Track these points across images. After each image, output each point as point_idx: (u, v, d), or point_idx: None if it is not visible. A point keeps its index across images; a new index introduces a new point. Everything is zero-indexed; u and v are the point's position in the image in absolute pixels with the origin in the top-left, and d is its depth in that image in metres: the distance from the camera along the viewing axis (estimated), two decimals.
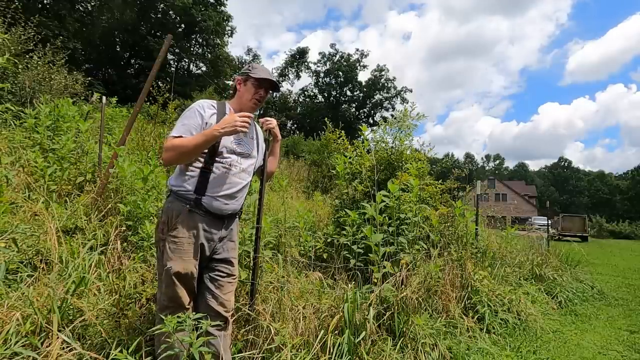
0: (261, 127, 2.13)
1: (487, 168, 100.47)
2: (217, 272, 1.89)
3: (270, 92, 2.05)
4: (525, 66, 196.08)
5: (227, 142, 1.86)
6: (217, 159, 1.81)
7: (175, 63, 33.44)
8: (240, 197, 1.94)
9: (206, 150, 1.81)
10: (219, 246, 1.90)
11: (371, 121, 47.17)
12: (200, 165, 1.81)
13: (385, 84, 47.78)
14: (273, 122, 2.09)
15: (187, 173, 1.81)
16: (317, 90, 49.65)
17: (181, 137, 1.75)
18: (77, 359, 1.76)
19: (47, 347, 1.73)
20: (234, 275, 1.97)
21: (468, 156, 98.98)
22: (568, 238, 15.63)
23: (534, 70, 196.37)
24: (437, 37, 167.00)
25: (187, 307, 1.78)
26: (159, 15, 30.21)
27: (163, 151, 1.77)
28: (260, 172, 2.21)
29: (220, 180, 1.83)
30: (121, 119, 7.17)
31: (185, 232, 1.76)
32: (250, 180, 2.03)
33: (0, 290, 1.97)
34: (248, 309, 2.28)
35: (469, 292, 3.55)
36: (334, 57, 48.84)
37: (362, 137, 4.71)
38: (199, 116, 1.83)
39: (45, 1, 21.81)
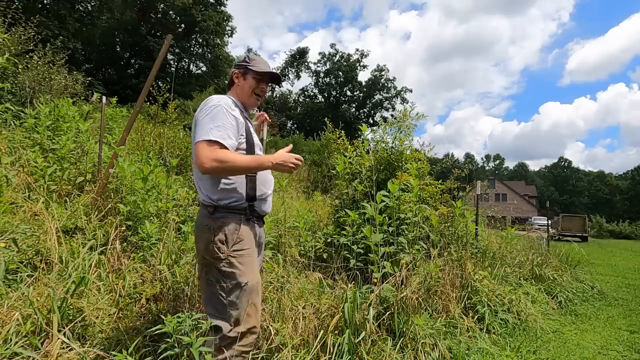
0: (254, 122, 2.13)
1: (487, 168, 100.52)
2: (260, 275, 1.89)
3: (271, 85, 1.97)
4: (526, 66, 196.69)
5: (255, 139, 1.80)
6: None
7: (175, 63, 33.46)
8: None
9: (245, 152, 1.72)
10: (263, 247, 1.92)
11: (371, 121, 47.21)
12: None
13: (385, 84, 47.82)
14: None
15: (230, 181, 1.68)
16: (317, 90, 49.70)
17: (223, 145, 1.57)
18: (77, 359, 1.76)
19: (47, 347, 1.73)
20: None
21: (468, 156, 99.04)
22: (568, 238, 15.62)
23: (536, 70, 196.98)
24: (438, 36, 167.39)
25: (259, 329, 1.71)
26: (159, 15, 30.21)
27: (206, 158, 1.52)
28: None
29: (264, 181, 1.79)
30: (121, 119, 7.16)
31: (250, 243, 1.69)
32: None
33: (0, 290, 1.97)
34: None
35: (469, 292, 3.55)
36: (334, 57, 48.87)
37: (362, 137, 4.71)
38: (230, 116, 1.65)
39: (45, 1, 21.82)
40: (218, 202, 1.66)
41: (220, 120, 1.60)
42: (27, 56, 7.49)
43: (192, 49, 33.18)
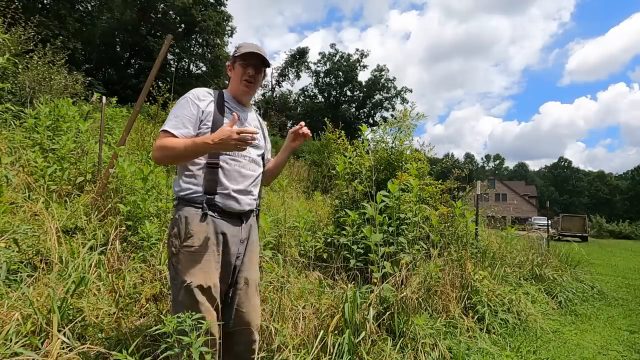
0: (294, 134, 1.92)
1: (487, 168, 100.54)
2: (242, 281, 1.71)
3: (264, 69, 1.80)
4: (527, 66, 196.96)
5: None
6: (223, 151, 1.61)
7: (175, 63, 33.45)
8: (255, 190, 1.76)
9: None
10: (241, 249, 1.71)
11: (371, 121, 47.23)
12: (204, 160, 1.60)
13: (385, 84, 47.82)
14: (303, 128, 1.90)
15: (190, 172, 1.62)
16: (317, 90, 49.70)
17: (173, 134, 1.55)
18: (77, 359, 1.76)
19: (47, 347, 1.73)
20: (258, 280, 1.82)
21: (468, 156, 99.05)
22: (568, 238, 15.63)
23: (536, 70, 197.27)
24: (439, 36, 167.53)
25: (214, 333, 1.54)
26: (159, 15, 30.20)
27: (153, 148, 1.55)
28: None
29: (231, 175, 1.64)
30: (121, 119, 7.17)
31: (202, 240, 1.55)
32: (262, 172, 1.86)
33: (0, 290, 1.97)
34: None
35: (469, 292, 3.55)
36: (334, 57, 48.86)
37: (362, 137, 4.71)
38: (194, 105, 1.62)
39: (45, 1, 21.81)
40: (178, 194, 1.62)
41: (180, 110, 1.61)
42: (27, 56, 7.49)
43: (192, 49, 33.17)
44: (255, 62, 1.74)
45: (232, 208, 1.63)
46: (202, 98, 1.65)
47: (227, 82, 1.92)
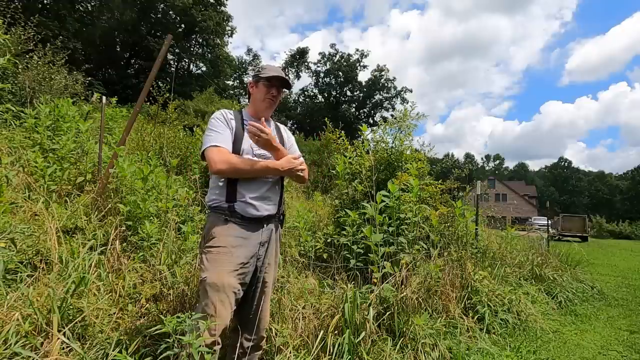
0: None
1: (487, 168, 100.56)
2: (260, 282, 1.86)
3: (284, 90, 2.01)
4: (528, 65, 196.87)
5: (247, 144, 1.82)
6: None
7: (175, 63, 33.47)
8: (274, 197, 1.88)
9: None
10: (262, 251, 1.83)
11: (371, 121, 47.28)
12: None
13: (385, 84, 47.87)
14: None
15: (216, 185, 1.82)
16: (317, 91, 49.79)
17: (223, 147, 1.74)
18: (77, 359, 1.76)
19: (46, 347, 1.73)
20: (273, 283, 1.98)
21: (468, 156, 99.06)
22: (568, 238, 15.62)
23: (538, 70, 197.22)
24: (440, 36, 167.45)
25: (225, 323, 1.66)
26: (159, 15, 30.24)
27: (215, 162, 1.70)
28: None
29: (248, 184, 1.79)
30: (121, 119, 7.16)
31: (222, 242, 1.72)
32: (281, 180, 1.95)
33: (0, 291, 1.97)
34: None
35: (469, 292, 3.55)
36: (334, 57, 48.94)
37: (362, 137, 4.71)
38: (227, 126, 1.84)
39: (45, 1, 21.83)
40: (208, 203, 1.85)
41: (219, 128, 1.82)
42: (27, 56, 7.48)
43: (192, 49, 33.19)
44: (278, 84, 1.94)
45: (250, 214, 1.79)
46: (230, 118, 1.89)
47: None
